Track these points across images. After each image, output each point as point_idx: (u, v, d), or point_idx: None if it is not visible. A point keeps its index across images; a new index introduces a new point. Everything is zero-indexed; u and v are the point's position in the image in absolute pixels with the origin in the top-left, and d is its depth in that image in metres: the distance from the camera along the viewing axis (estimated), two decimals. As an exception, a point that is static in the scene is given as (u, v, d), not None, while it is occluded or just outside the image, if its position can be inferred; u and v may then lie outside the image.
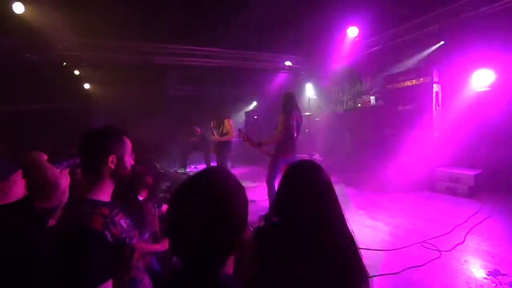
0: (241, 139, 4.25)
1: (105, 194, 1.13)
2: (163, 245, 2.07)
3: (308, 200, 1.10)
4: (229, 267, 0.74)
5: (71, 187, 1.40)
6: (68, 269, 0.93)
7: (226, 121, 5.23)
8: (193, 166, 9.01)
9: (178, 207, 0.70)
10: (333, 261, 1.05)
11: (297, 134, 4.20)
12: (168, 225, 0.71)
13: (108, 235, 1.01)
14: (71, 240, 0.95)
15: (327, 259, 1.05)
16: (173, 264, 1.99)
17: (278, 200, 1.18)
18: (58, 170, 1.35)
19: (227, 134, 5.22)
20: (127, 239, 1.10)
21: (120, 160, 1.14)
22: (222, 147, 5.29)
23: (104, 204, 1.10)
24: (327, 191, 1.15)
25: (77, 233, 0.96)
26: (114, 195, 1.19)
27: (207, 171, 0.79)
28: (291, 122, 4.04)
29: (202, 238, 0.67)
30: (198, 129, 7.75)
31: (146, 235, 2.10)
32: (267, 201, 4.22)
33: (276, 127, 4.16)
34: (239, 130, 4.38)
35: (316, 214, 1.09)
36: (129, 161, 1.20)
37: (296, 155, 4.17)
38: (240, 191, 0.76)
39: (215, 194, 0.69)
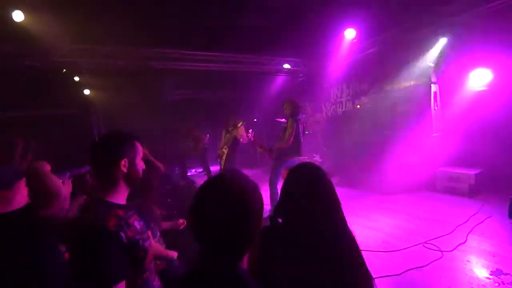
0: (250, 139, 4.30)
1: (120, 196, 1.17)
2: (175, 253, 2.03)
3: (310, 202, 1.12)
4: (244, 261, 0.80)
5: (80, 193, 1.42)
6: (84, 268, 0.96)
7: (241, 127, 5.32)
8: (194, 170, 9.03)
9: (202, 207, 0.75)
10: (335, 262, 1.07)
11: (303, 137, 4.26)
12: (192, 223, 0.76)
13: (123, 236, 1.04)
14: (87, 240, 0.98)
15: (329, 259, 1.07)
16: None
17: (281, 201, 1.22)
18: (61, 180, 1.37)
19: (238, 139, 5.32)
20: (141, 241, 1.13)
21: (132, 164, 1.18)
22: (233, 151, 5.37)
23: (119, 206, 1.13)
24: (329, 193, 1.17)
25: (93, 232, 0.99)
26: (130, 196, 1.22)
27: (226, 173, 0.84)
28: (299, 126, 4.11)
29: (224, 235, 0.73)
30: (198, 133, 7.78)
31: (158, 235, 2.07)
32: (269, 205, 4.23)
33: (283, 131, 4.20)
34: (249, 131, 4.43)
35: (318, 215, 1.11)
36: (140, 164, 1.23)
37: (300, 158, 4.20)
38: (257, 191, 0.81)
39: (237, 193, 0.75)
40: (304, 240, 1.09)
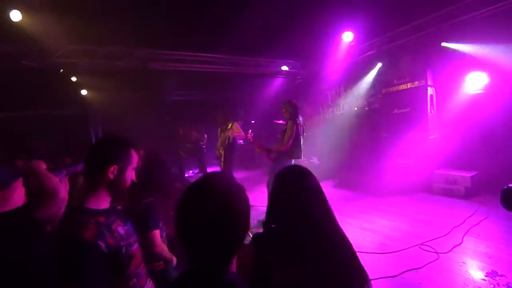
0: (249, 140, 4.31)
1: (102, 201, 1.11)
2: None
3: (298, 205, 1.12)
4: (233, 265, 0.79)
5: (72, 194, 1.40)
6: (63, 280, 0.94)
7: (234, 124, 5.33)
8: (191, 171, 9.01)
9: (187, 211, 0.75)
10: (329, 264, 1.07)
11: (302, 139, 4.27)
12: (178, 228, 0.75)
13: (103, 245, 0.99)
14: (64, 252, 0.95)
15: (323, 262, 1.07)
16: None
17: (271, 206, 1.22)
18: (57, 178, 1.36)
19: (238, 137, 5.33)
20: (124, 248, 1.08)
21: (121, 172, 1.12)
22: (229, 151, 5.36)
23: (100, 212, 1.08)
24: (316, 195, 1.16)
25: (69, 245, 0.96)
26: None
27: (211, 176, 0.82)
28: (298, 128, 4.12)
29: (211, 239, 0.72)
30: (196, 133, 7.81)
31: (164, 234, 2.04)
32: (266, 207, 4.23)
33: (282, 133, 4.21)
34: (249, 131, 4.44)
35: (307, 218, 1.10)
36: (130, 175, 1.17)
37: (299, 160, 4.22)
38: (242, 193, 0.80)
39: (221, 197, 0.74)
40: (297, 244, 1.09)
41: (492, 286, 2.41)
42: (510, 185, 1.22)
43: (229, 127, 5.31)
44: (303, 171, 1.23)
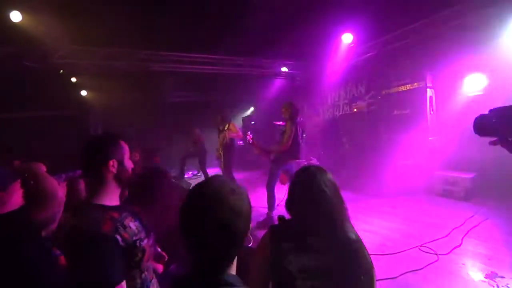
0: (248, 142, 4.32)
1: (112, 198, 1.16)
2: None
3: (316, 200, 1.20)
4: (234, 267, 0.81)
5: (69, 199, 1.40)
6: (82, 274, 0.97)
7: (231, 125, 5.33)
8: (191, 172, 9.00)
9: (192, 212, 0.77)
10: (340, 254, 1.16)
11: (302, 140, 4.29)
12: (182, 229, 0.77)
13: (120, 239, 1.04)
14: (84, 246, 0.98)
15: (335, 252, 1.16)
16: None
17: (289, 201, 1.29)
18: (56, 182, 1.36)
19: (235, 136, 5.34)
20: (138, 242, 1.13)
21: (120, 164, 1.19)
22: (228, 151, 5.35)
23: (112, 208, 1.13)
24: (334, 192, 1.25)
25: (90, 239, 0.99)
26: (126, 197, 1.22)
27: (214, 179, 0.85)
28: (297, 129, 4.14)
29: (214, 240, 0.74)
30: (197, 131, 7.78)
31: (151, 241, 2.03)
32: (265, 208, 4.24)
33: (281, 134, 4.23)
34: (248, 133, 4.45)
35: (324, 212, 1.19)
36: (129, 164, 1.24)
37: (298, 161, 4.24)
38: (245, 195, 0.83)
39: (224, 199, 0.76)
40: (311, 235, 1.18)
41: (491, 287, 2.40)
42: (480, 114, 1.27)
43: (226, 128, 5.31)
44: (319, 168, 1.33)
